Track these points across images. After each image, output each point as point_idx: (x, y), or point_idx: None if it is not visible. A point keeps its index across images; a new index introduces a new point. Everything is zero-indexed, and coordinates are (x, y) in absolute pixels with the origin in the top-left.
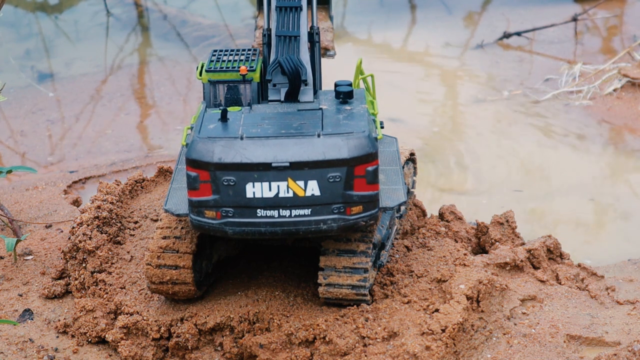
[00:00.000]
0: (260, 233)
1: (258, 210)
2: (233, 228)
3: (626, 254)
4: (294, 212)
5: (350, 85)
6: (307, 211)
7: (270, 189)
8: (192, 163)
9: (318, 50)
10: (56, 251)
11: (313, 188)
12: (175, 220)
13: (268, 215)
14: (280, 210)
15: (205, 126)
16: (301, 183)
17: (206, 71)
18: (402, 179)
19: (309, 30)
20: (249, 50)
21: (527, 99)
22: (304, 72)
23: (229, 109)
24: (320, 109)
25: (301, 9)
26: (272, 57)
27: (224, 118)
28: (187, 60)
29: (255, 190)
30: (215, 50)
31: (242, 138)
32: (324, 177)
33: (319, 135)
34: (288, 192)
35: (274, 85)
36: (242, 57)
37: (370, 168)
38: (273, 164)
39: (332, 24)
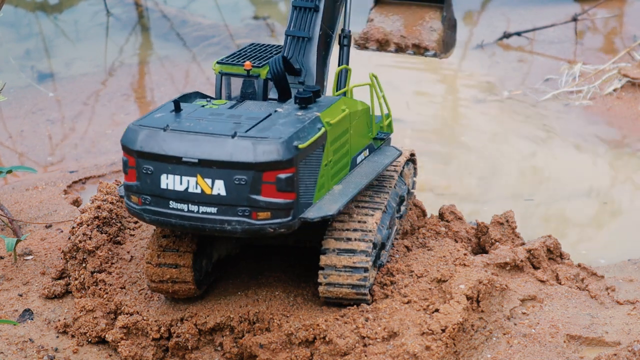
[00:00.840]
0: (171, 224)
1: (170, 202)
2: (149, 216)
3: (626, 254)
4: (201, 208)
5: (315, 92)
6: (213, 209)
7: (181, 183)
8: (123, 148)
9: (346, 54)
10: (56, 251)
11: (219, 188)
12: None
13: (178, 208)
14: (189, 205)
15: (153, 114)
16: (209, 181)
17: (217, 62)
18: (354, 193)
19: (339, 33)
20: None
21: (527, 99)
22: (305, 74)
23: (214, 102)
24: (276, 111)
25: (317, 11)
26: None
27: (176, 109)
28: (187, 60)
29: (169, 182)
30: (252, 44)
31: (165, 130)
32: (231, 178)
33: (233, 137)
34: (196, 188)
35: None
36: (270, 54)
37: (282, 175)
38: (183, 159)
39: (442, 25)
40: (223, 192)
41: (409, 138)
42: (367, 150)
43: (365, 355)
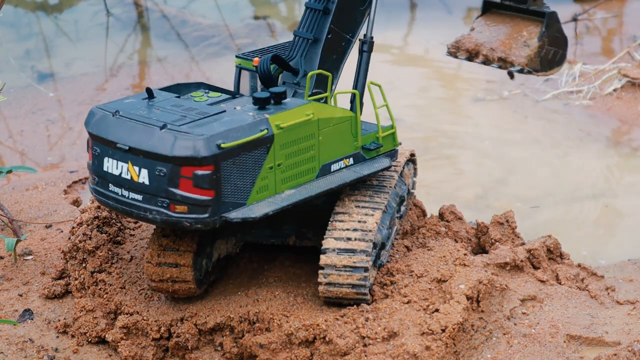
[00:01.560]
0: (109, 206)
1: (110, 185)
2: (97, 196)
3: (626, 254)
4: (130, 194)
5: (278, 93)
6: (139, 197)
7: (117, 168)
8: (85, 127)
9: (364, 61)
10: (56, 251)
11: (144, 176)
12: None
13: (115, 191)
14: (122, 190)
15: (124, 99)
16: (137, 169)
17: (236, 56)
18: (296, 200)
19: (362, 39)
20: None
21: (527, 98)
22: (302, 75)
23: (210, 94)
24: (234, 109)
25: (327, 13)
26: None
27: (149, 96)
28: (187, 60)
29: (109, 165)
30: (286, 42)
31: (114, 115)
32: (153, 168)
33: (161, 128)
34: (127, 174)
35: (283, 82)
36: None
37: (199, 172)
38: (118, 144)
39: (539, 41)
40: (147, 181)
41: (409, 137)
42: (351, 159)
43: (365, 355)
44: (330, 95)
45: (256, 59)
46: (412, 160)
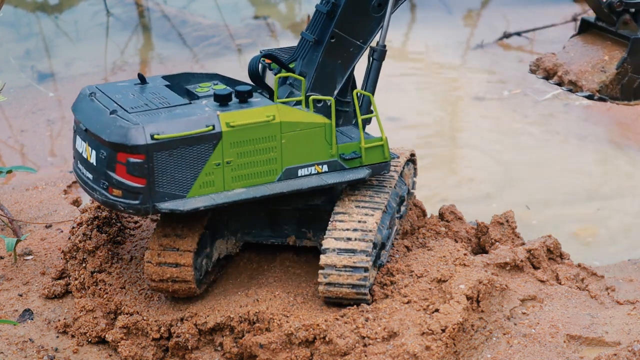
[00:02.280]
0: (80, 183)
1: (78, 162)
2: (75, 172)
3: (626, 254)
4: (86, 173)
5: (242, 92)
6: (90, 176)
7: (81, 146)
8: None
9: (373, 69)
10: (56, 251)
11: (93, 157)
12: (176, 218)
13: (79, 168)
14: (83, 168)
15: (117, 83)
16: (90, 149)
17: (260, 51)
18: (235, 199)
19: (373, 46)
20: None
21: (527, 98)
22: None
23: (215, 87)
24: (194, 103)
25: (332, 17)
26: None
27: (141, 81)
28: (187, 60)
29: (78, 143)
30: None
31: (89, 96)
32: (98, 150)
33: (110, 113)
34: (85, 153)
35: (289, 83)
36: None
37: (131, 160)
38: (80, 124)
39: (617, 67)
40: (95, 162)
41: (409, 137)
42: (325, 166)
43: (365, 355)
44: (305, 99)
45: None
46: (412, 160)
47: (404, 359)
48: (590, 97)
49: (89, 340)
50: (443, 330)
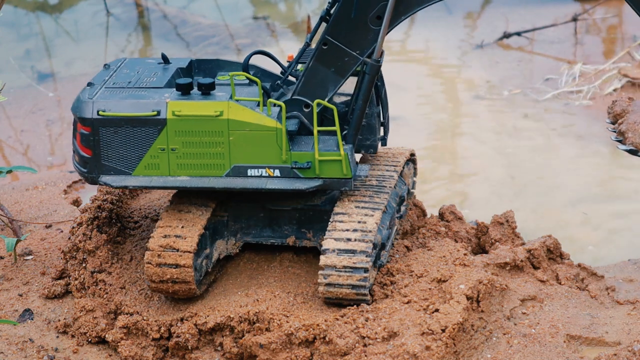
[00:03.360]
0: None
1: None
2: None
3: (626, 254)
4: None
5: (205, 84)
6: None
7: None
8: None
9: (363, 84)
10: (56, 251)
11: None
12: (176, 219)
13: None
14: None
15: (148, 59)
16: None
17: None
18: (173, 185)
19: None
20: None
21: (527, 98)
22: (287, 76)
23: (240, 76)
24: (166, 89)
25: (326, 22)
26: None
27: (164, 61)
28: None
29: None
30: None
31: (105, 66)
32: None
33: (88, 85)
34: None
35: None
36: None
37: (82, 131)
38: None
39: None
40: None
41: (408, 137)
42: (277, 171)
43: (365, 355)
44: (263, 101)
45: (290, 54)
46: (412, 159)
47: (404, 359)
48: (632, 152)
49: (89, 340)
50: (443, 330)
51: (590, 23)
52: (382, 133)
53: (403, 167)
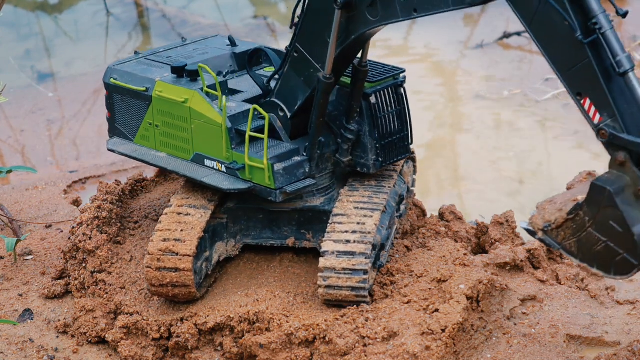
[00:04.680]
0: None
1: None
2: None
3: None
4: None
5: (190, 70)
6: None
7: None
8: None
9: (316, 99)
10: (56, 251)
11: None
12: (175, 222)
13: None
14: None
15: (218, 37)
16: None
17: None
18: (150, 161)
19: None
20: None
21: (527, 98)
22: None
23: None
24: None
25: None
26: None
27: (231, 44)
28: None
29: None
30: None
31: (182, 38)
32: None
33: (135, 53)
34: None
35: None
36: None
37: (105, 94)
38: None
39: (569, 214)
40: None
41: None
42: (223, 166)
43: (365, 355)
44: (221, 100)
45: None
46: (411, 158)
47: (404, 359)
48: (530, 233)
49: (89, 340)
50: (443, 330)
51: None
52: (374, 155)
53: (402, 166)
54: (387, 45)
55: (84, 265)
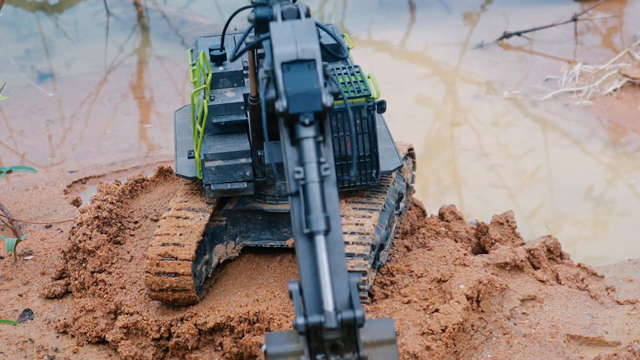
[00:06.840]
0: None
1: None
2: None
3: (626, 254)
4: None
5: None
6: None
7: None
8: None
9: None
10: (56, 251)
11: None
12: (174, 226)
13: None
14: None
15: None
16: None
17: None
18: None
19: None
20: None
21: (527, 98)
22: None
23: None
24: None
25: None
26: None
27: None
28: (187, 60)
29: None
30: None
31: None
32: None
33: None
34: None
35: None
36: None
37: None
38: None
39: None
40: None
41: (408, 137)
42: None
43: None
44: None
45: None
46: (410, 154)
47: (404, 359)
48: None
49: (89, 340)
50: (443, 330)
51: (590, 25)
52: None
53: (402, 164)
54: (386, 44)
55: (84, 265)
